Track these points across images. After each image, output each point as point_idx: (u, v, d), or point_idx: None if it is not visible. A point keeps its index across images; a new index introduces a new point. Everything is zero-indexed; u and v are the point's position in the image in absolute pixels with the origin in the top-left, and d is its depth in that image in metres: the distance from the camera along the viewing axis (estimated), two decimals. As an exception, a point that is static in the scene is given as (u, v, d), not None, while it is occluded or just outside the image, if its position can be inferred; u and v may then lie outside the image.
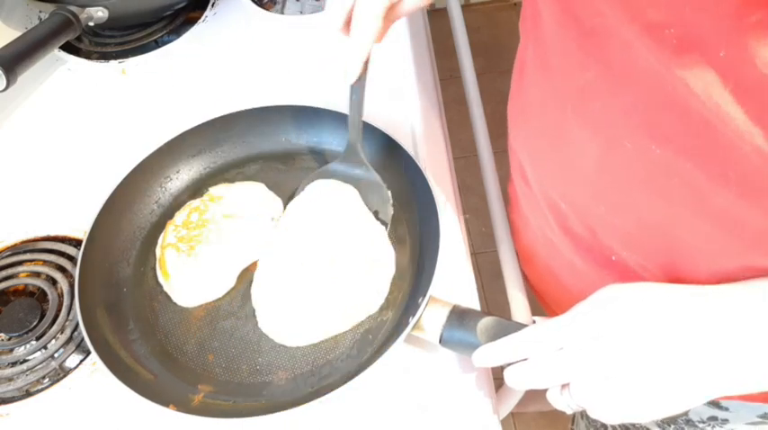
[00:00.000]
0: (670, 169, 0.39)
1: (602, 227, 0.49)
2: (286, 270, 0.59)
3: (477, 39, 1.34)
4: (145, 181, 0.67)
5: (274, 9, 0.89)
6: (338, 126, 0.68)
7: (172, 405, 0.51)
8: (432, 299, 0.54)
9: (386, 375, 0.55)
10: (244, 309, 0.60)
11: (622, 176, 0.43)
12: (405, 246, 0.62)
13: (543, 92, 0.49)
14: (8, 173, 0.74)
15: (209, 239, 0.62)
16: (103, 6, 0.78)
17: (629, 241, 0.47)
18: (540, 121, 0.51)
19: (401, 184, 0.65)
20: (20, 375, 0.57)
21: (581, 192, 0.49)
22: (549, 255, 0.60)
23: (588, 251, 0.52)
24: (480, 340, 0.50)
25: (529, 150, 0.55)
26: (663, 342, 0.40)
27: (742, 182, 0.36)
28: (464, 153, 0.91)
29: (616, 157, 0.43)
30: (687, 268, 0.44)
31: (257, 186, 0.67)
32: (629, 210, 0.45)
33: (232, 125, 0.70)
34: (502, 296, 0.65)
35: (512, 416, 1.48)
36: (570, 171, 0.49)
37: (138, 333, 0.59)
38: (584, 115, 0.44)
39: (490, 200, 0.72)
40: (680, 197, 0.40)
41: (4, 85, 0.68)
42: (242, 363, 0.56)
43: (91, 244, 0.61)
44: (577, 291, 0.57)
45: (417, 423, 0.53)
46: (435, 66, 0.83)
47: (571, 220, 0.52)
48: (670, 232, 0.43)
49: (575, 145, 0.46)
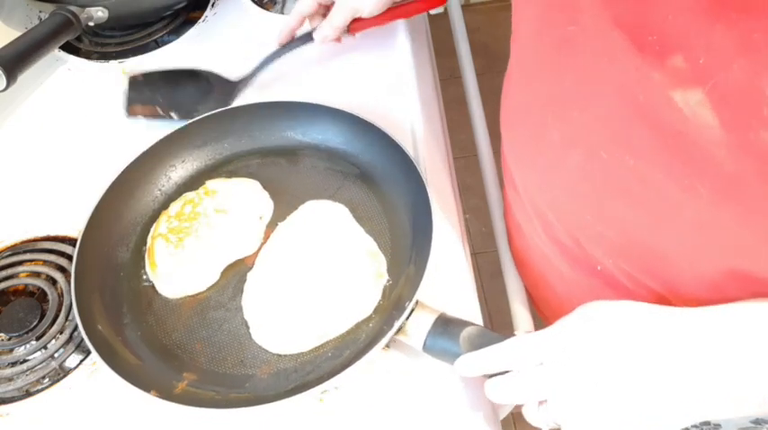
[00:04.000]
0: (644, 179, 0.39)
1: (586, 236, 0.49)
2: (278, 283, 0.60)
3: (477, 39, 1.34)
4: (150, 167, 0.68)
5: (274, 9, 0.89)
6: (341, 123, 0.69)
7: (154, 390, 0.52)
8: (420, 304, 0.54)
9: (386, 375, 0.55)
10: (234, 301, 0.60)
11: (601, 186, 0.44)
12: (398, 248, 0.62)
13: (526, 99, 0.49)
14: (8, 173, 0.74)
15: (198, 233, 0.63)
16: (103, 6, 0.78)
17: (613, 250, 0.47)
18: (524, 128, 0.51)
19: (399, 185, 0.65)
20: (20, 375, 0.57)
21: (564, 201, 0.49)
22: (540, 262, 0.60)
23: (575, 260, 0.52)
24: (462, 349, 0.50)
25: (516, 157, 0.55)
26: (639, 361, 0.40)
27: (712, 192, 0.36)
28: (464, 153, 0.91)
29: (594, 167, 0.43)
30: (671, 275, 0.44)
31: (252, 184, 0.68)
32: (610, 219, 0.45)
33: (238, 118, 0.71)
34: (502, 296, 0.65)
35: (512, 416, 1.47)
36: (553, 179, 0.49)
37: (131, 317, 0.60)
38: (563, 123, 0.44)
39: (490, 200, 0.72)
40: (656, 206, 0.40)
41: (4, 85, 0.68)
42: (228, 354, 0.57)
43: (92, 225, 0.62)
44: (567, 299, 0.57)
45: (417, 423, 0.53)
46: (435, 66, 0.83)
47: (556, 229, 0.52)
48: (651, 240, 0.43)
49: (556, 153, 0.47)
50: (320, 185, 0.67)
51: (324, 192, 0.67)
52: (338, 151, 0.69)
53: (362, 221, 0.64)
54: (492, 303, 1.43)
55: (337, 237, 0.62)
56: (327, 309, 0.58)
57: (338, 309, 0.58)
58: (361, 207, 0.65)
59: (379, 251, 0.61)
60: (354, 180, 0.67)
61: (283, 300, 0.59)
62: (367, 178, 0.67)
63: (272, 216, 0.66)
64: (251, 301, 0.60)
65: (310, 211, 0.65)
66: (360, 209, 0.65)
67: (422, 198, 0.61)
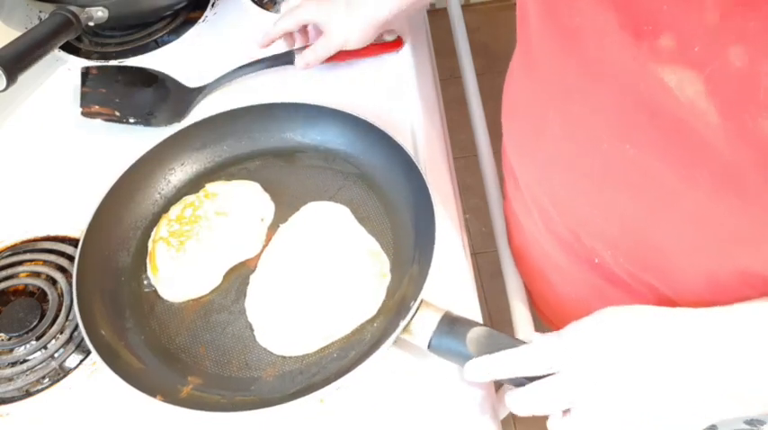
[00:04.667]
0: (644, 169, 0.40)
1: (586, 229, 0.49)
2: (281, 285, 0.60)
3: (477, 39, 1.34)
4: (150, 171, 0.68)
5: (274, 9, 0.89)
6: (341, 124, 0.69)
7: (159, 395, 0.52)
8: (424, 303, 0.54)
9: (386, 375, 0.55)
10: (237, 304, 0.60)
11: (601, 177, 0.44)
12: (401, 248, 0.62)
13: (529, 92, 0.50)
14: (8, 173, 0.74)
15: (200, 236, 0.63)
16: (103, 6, 0.78)
17: (612, 243, 0.47)
18: (525, 121, 0.52)
19: (400, 185, 0.65)
20: (20, 375, 0.57)
21: (564, 194, 0.49)
22: (538, 256, 0.60)
23: (573, 254, 0.52)
24: (469, 350, 0.49)
25: (516, 150, 0.56)
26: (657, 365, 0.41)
27: (711, 182, 0.36)
28: (464, 153, 0.92)
29: (595, 158, 0.43)
30: (670, 270, 0.44)
31: (252, 186, 0.68)
32: (609, 210, 0.45)
33: (237, 120, 0.71)
34: (502, 296, 0.65)
35: (512, 416, 1.47)
36: (553, 171, 0.49)
37: (133, 322, 0.60)
38: (564, 115, 0.45)
39: (490, 200, 0.72)
40: (655, 197, 0.40)
41: (4, 85, 0.68)
42: (232, 358, 0.57)
43: (93, 229, 0.62)
44: (566, 293, 0.57)
45: (418, 422, 0.53)
46: (435, 66, 0.83)
47: (556, 222, 0.52)
48: (649, 234, 0.43)
49: (557, 145, 0.47)
50: (321, 186, 0.67)
51: (325, 193, 0.67)
52: (339, 152, 0.69)
53: (364, 222, 0.64)
54: (492, 303, 1.43)
55: (339, 237, 0.62)
56: (331, 310, 0.58)
57: (342, 310, 0.58)
58: (362, 207, 0.65)
59: (381, 251, 0.61)
60: (355, 180, 0.67)
61: (287, 302, 0.58)
62: (368, 178, 0.67)
63: (273, 218, 0.66)
64: (254, 304, 0.59)
65: (312, 213, 0.65)
66: (361, 209, 0.65)
67: (423, 197, 0.61)
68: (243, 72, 0.77)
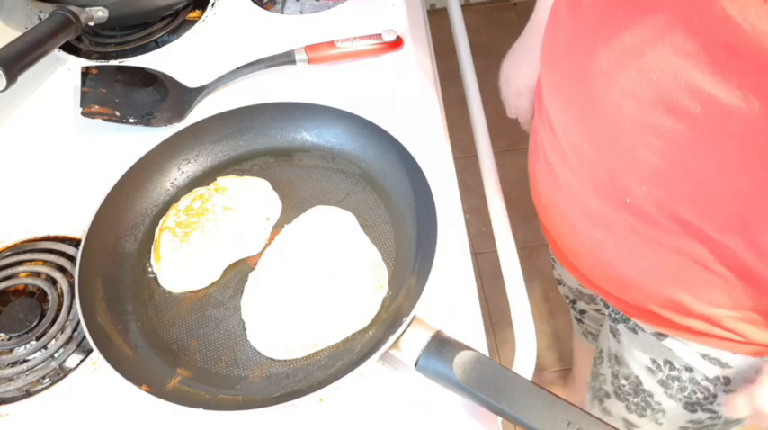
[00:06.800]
0: (694, 93, 0.40)
1: (623, 163, 0.49)
2: (278, 287, 0.60)
3: (477, 39, 1.34)
4: (163, 160, 0.69)
5: (274, 9, 0.89)
6: (356, 129, 0.69)
7: (145, 385, 0.52)
8: (416, 319, 0.53)
9: (389, 374, 0.55)
10: (234, 301, 0.60)
11: (649, 105, 0.44)
12: (401, 258, 0.62)
13: (575, 30, 0.50)
14: (8, 173, 0.74)
15: (204, 229, 0.63)
16: (103, 6, 0.78)
17: (649, 176, 0.48)
18: (569, 61, 0.52)
19: (406, 195, 0.65)
20: (20, 375, 0.57)
21: (605, 128, 0.50)
22: (567, 202, 0.61)
23: (605, 193, 0.53)
24: (455, 375, 0.49)
25: (557, 95, 0.56)
26: None
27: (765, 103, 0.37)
28: (464, 153, 0.91)
29: (643, 88, 0.44)
30: (706, 202, 0.45)
31: (262, 183, 0.68)
32: (653, 140, 0.46)
33: (256, 116, 0.71)
34: (502, 296, 0.65)
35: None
36: (597, 107, 0.50)
37: (132, 307, 0.60)
38: (612, 49, 0.45)
39: (490, 200, 0.72)
40: (703, 121, 0.41)
41: (4, 85, 0.68)
42: (222, 354, 0.57)
43: (103, 211, 0.63)
44: (591, 237, 0.58)
45: (419, 422, 0.53)
46: (435, 66, 0.83)
47: (591, 161, 0.53)
48: (692, 163, 0.44)
49: (603, 80, 0.47)
50: (329, 190, 0.67)
51: (332, 197, 0.67)
52: (351, 156, 0.69)
53: (368, 229, 0.64)
54: (492, 303, 1.43)
55: (342, 244, 0.62)
56: (325, 317, 0.57)
57: (335, 318, 0.57)
58: (368, 214, 0.65)
59: (381, 262, 0.61)
60: (364, 186, 0.67)
61: (282, 304, 0.58)
62: (377, 185, 0.67)
63: (279, 217, 0.66)
64: (250, 302, 0.60)
65: (317, 217, 0.65)
66: (366, 216, 0.65)
67: (430, 212, 0.61)
68: (243, 72, 0.77)
